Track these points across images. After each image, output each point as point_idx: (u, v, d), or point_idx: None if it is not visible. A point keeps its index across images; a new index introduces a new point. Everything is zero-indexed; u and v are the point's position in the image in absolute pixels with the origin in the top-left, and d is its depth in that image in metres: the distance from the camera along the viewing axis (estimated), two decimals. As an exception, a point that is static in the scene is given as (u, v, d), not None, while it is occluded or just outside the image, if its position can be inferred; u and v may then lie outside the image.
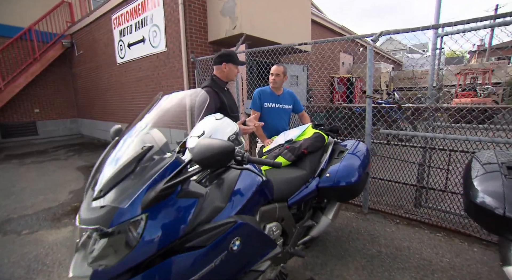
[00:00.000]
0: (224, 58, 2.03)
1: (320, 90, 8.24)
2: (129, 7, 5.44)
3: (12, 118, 8.10)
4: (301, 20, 5.35)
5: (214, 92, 1.98)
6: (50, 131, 8.86)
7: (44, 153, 6.87)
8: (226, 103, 2.02)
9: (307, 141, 1.98)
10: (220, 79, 2.09)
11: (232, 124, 1.32)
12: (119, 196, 0.86)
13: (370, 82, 2.47)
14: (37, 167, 5.45)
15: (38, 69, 7.81)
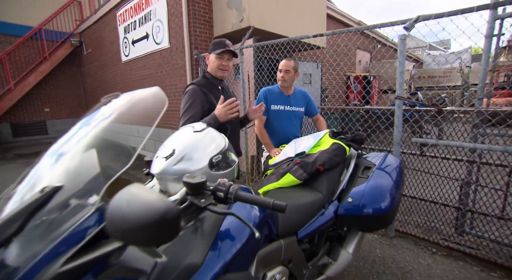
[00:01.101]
0: (209, 49, 1.68)
1: (338, 89, 7.70)
2: (133, 2, 5.15)
3: (23, 118, 8.10)
4: (316, 14, 4.87)
5: (200, 91, 1.60)
6: (59, 130, 8.81)
7: (51, 153, 6.75)
8: (216, 105, 1.63)
9: (324, 154, 1.55)
10: (211, 75, 1.71)
11: (218, 139, 0.92)
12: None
13: (401, 80, 2.00)
14: (40, 168, 5.28)
15: (47, 68, 7.74)
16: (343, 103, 8.24)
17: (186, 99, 1.60)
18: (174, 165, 0.82)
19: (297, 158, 1.60)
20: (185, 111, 1.58)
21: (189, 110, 1.57)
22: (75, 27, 8.31)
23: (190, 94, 1.60)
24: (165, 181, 0.85)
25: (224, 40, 1.66)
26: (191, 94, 1.60)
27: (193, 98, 1.59)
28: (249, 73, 3.49)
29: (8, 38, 7.58)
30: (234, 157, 1.03)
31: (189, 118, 1.55)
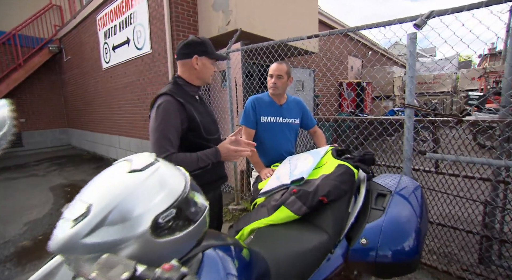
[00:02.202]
0: (194, 49, 1.26)
1: (330, 97, 7.48)
2: (113, 5, 4.80)
3: (-5, 129, 7.49)
4: (308, 18, 4.64)
5: (177, 103, 1.21)
6: (37, 142, 8.23)
7: (22, 167, 6.20)
8: (198, 120, 1.26)
9: (328, 181, 1.21)
10: (187, 82, 1.32)
11: (172, 181, 0.55)
12: None
13: (412, 86, 1.70)
14: (6, 186, 4.77)
15: (22, 76, 7.21)
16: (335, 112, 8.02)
17: (160, 116, 1.16)
18: (86, 235, 0.46)
19: (294, 186, 1.26)
20: (160, 134, 1.14)
21: (166, 132, 1.15)
22: (54, 32, 7.85)
23: (164, 109, 1.17)
24: (75, 259, 0.49)
25: (210, 41, 1.34)
26: (166, 109, 1.17)
27: (169, 114, 1.16)
28: (236, 79, 3.17)
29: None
30: (202, 199, 0.68)
31: (166, 145, 1.14)
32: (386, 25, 1.77)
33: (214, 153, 1.22)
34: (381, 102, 8.24)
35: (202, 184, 1.36)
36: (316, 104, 6.78)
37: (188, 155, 1.18)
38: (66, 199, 4.02)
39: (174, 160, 1.13)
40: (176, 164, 1.16)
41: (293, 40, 2.31)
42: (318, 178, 1.27)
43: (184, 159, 1.16)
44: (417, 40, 1.68)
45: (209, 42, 1.31)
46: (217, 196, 1.43)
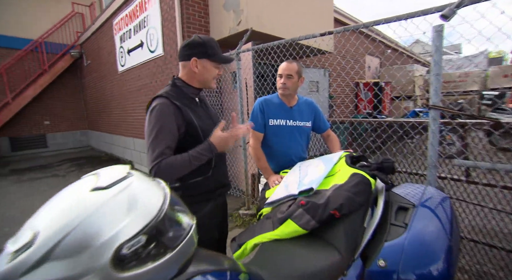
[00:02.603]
0: (194, 50, 1.17)
1: (344, 98, 7.21)
2: (128, 10, 4.89)
3: (22, 131, 7.91)
4: (322, 15, 4.47)
5: (173, 106, 1.11)
6: (59, 144, 8.60)
7: (46, 168, 6.47)
8: (197, 125, 1.17)
9: (340, 192, 1.07)
10: (187, 84, 1.22)
11: (146, 200, 0.46)
12: None
13: (438, 84, 1.52)
14: (29, 186, 4.97)
15: (47, 81, 7.58)
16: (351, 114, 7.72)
17: (153, 120, 1.08)
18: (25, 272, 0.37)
19: (302, 197, 1.13)
20: (153, 139, 1.06)
21: (161, 137, 1.06)
22: (76, 39, 8.18)
23: (159, 113, 1.08)
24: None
25: (216, 41, 1.24)
26: (161, 112, 1.08)
27: (164, 118, 1.08)
28: (247, 81, 3.07)
29: (11, 52, 7.48)
30: (187, 217, 0.58)
31: (161, 151, 1.05)
32: (407, 18, 1.59)
33: (207, 147, 1.11)
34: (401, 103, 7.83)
35: (202, 192, 1.27)
36: (330, 106, 6.57)
37: (178, 156, 1.08)
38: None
39: (164, 164, 1.04)
40: (166, 169, 1.05)
41: (305, 38, 2.18)
42: (329, 188, 1.14)
43: (174, 162, 1.06)
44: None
45: (211, 43, 1.19)
46: (219, 205, 1.33)
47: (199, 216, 1.25)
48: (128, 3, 4.86)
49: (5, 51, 7.46)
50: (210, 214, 1.26)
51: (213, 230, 1.29)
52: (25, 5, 7.63)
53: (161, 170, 1.04)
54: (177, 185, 1.20)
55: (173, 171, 1.07)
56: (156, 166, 1.04)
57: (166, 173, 1.05)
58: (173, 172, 1.07)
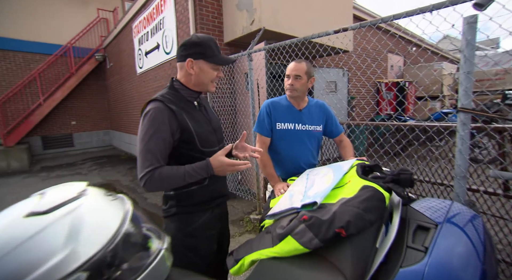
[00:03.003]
0: (190, 50, 1.09)
1: (364, 98, 6.90)
2: (146, 13, 4.99)
3: (51, 131, 8.41)
4: (341, 11, 4.27)
5: (167, 110, 1.04)
6: (84, 143, 9.03)
7: (71, 166, 6.82)
8: (192, 131, 1.09)
9: (348, 207, 0.95)
10: (185, 86, 1.15)
11: (94, 226, 0.39)
12: None
13: (469, 83, 1.33)
14: (55, 183, 5.19)
15: (73, 83, 7.99)
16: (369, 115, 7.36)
17: (146, 125, 1.01)
18: None
19: (305, 211, 1.02)
20: (145, 146, 1.00)
21: (153, 144, 0.99)
22: (100, 43, 8.55)
23: (152, 118, 1.01)
24: None
25: (215, 41, 1.16)
26: (154, 117, 1.01)
27: (157, 123, 1.01)
28: (259, 82, 2.98)
29: (43, 57, 7.99)
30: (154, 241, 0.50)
31: (153, 159, 0.99)
32: (432, 9, 1.42)
33: (204, 167, 1.03)
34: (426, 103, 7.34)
35: (197, 202, 1.18)
36: (352, 107, 6.30)
37: (174, 169, 1.01)
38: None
39: (157, 175, 0.98)
40: (158, 181, 0.96)
41: (318, 36, 2.04)
42: (336, 202, 1.01)
43: (169, 174, 1.00)
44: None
45: (209, 42, 1.10)
46: (217, 215, 1.24)
47: (194, 227, 1.18)
48: (146, 6, 4.96)
49: (39, 57, 7.97)
50: (207, 225, 1.18)
51: (211, 242, 1.21)
52: (56, 12, 8.11)
53: (153, 181, 0.98)
54: (172, 194, 1.14)
55: (164, 184, 1.01)
56: (148, 176, 0.98)
57: (158, 184, 0.99)
58: (164, 185, 1.01)
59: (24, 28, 7.61)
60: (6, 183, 5.36)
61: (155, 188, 1.00)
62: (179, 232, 1.14)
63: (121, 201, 0.51)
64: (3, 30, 7.35)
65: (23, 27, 7.59)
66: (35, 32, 7.80)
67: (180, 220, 1.15)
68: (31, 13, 7.72)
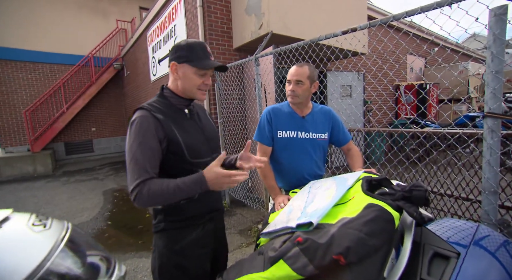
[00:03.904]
0: (175, 54, 1.03)
1: (382, 103, 6.60)
2: (159, 22, 5.11)
3: (73, 137, 8.81)
4: (353, 15, 4.12)
5: (152, 119, 0.98)
6: (103, 148, 9.37)
7: (90, 171, 7.06)
8: (180, 141, 1.01)
9: (348, 230, 0.82)
10: (174, 93, 1.09)
11: None
12: None
13: (497, 84, 1.15)
14: (74, 187, 5.45)
15: (94, 91, 8.36)
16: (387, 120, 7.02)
17: (132, 135, 0.96)
18: None
19: (300, 232, 0.90)
20: (132, 158, 0.93)
21: (140, 155, 0.93)
22: (119, 52, 8.91)
23: (137, 127, 0.96)
24: None
25: (205, 45, 1.09)
26: (139, 126, 0.96)
27: (143, 133, 0.95)
28: (266, 87, 2.90)
29: (67, 67, 8.46)
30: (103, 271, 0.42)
31: (141, 171, 0.92)
32: (451, 3, 1.26)
33: (197, 180, 0.92)
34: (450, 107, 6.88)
35: (186, 217, 1.09)
36: (368, 110, 6.04)
37: (165, 183, 0.92)
38: (112, 204, 4.31)
39: (147, 189, 0.90)
40: (147, 196, 0.87)
41: (326, 37, 1.93)
42: (336, 222, 0.89)
43: (160, 188, 0.91)
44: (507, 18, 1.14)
45: (196, 46, 1.03)
46: (210, 231, 1.14)
47: (183, 244, 1.09)
48: (159, 15, 5.08)
49: (64, 67, 8.45)
50: (198, 242, 1.09)
51: (202, 261, 1.12)
52: (79, 24, 8.58)
53: (142, 197, 0.90)
54: (159, 207, 1.07)
55: (154, 200, 0.92)
56: (137, 190, 0.90)
57: (147, 200, 0.91)
58: (154, 201, 0.92)
59: (50, 41, 8.12)
60: (31, 186, 5.64)
61: (145, 204, 0.92)
62: (166, 249, 1.06)
63: (55, 229, 0.43)
64: (35, 44, 7.90)
65: (49, 40, 8.10)
66: (60, 44, 8.31)
67: (168, 237, 1.07)
68: (56, 26, 8.22)
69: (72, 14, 8.47)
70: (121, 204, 4.30)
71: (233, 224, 3.25)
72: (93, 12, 8.88)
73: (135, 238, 3.07)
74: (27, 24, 7.81)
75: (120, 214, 3.90)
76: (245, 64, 3.45)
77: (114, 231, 3.30)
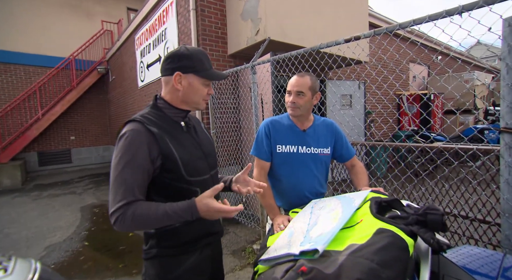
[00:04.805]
0: (178, 64, 1.01)
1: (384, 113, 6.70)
2: (148, 24, 5.15)
3: (49, 146, 8.61)
4: (354, 22, 4.23)
5: (147, 133, 0.95)
6: (83, 159, 9.18)
7: (66, 184, 6.88)
8: (177, 158, 0.98)
9: (358, 259, 0.80)
10: (170, 104, 1.07)
11: None
12: None
13: None
14: (46, 203, 5.27)
15: (74, 97, 8.25)
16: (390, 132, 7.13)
17: (121, 151, 0.92)
18: None
19: (304, 260, 0.87)
20: (118, 176, 0.90)
21: (127, 173, 0.90)
22: (103, 55, 8.90)
23: (128, 142, 0.92)
24: None
25: (206, 54, 1.10)
26: (130, 141, 0.92)
27: (134, 149, 0.91)
28: (263, 96, 2.91)
29: (45, 70, 8.35)
30: None
31: (127, 192, 0.88)
32: (462, 12, 1.29)
33: (187, 209, 0.89)
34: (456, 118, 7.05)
35: (182, 242, 1.04)
36: (371, 121, 6.12)
37: (152, 208, 0.89)
38: (91, 221, 4.18)
39: (132, 212, 0.86)
40: (131, 220, 0.83)
41: (327, 46, 1.97)
42: (344, 249, 0.86)
43: (147, 213, 0.87)
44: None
45: (200, 55, 1.04)
46: (207, 257, 1.11)
47: (178, 273, 1.04)
48: (148, 17, 5.13)
49: (41, 70, 8.35)
50: (194, 269, 1.05)
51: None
52: (60, 25, 8.56)
53: (125, 221, 0.86)
54: (152, 232, 1.03)
55: (138, 225, 0.89)
56: (119, 213, 0.86)
57: (130, 225, 0.87)
58: (138, 225, 0.89)
59: (27, 41, 8.04)
60: (-7, 203, 5.41)
61: (126, 228, 0.88)
62: (159, 278, 1.01)
63: (19, 274, 0.40)
64: (7, 43, 7.78)
65: (25, 40, 8.02)
66: (37, 44, 8.20)
67: (162, 264, 1.02)
68: (34, 25, 8.17)
69: (52, 12, 8.43)
70: (101, 222, 4.16)
71: (226, 244, 3.18)
72: (76, 12, 8.89)
73: (115, 260, 2.96)
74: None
75: (99, 233, 3.77)
76: (240, 71, 3.47)
77: (92, 253, 3.18)
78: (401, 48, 2.22)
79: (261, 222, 3.02)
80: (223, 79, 1.14)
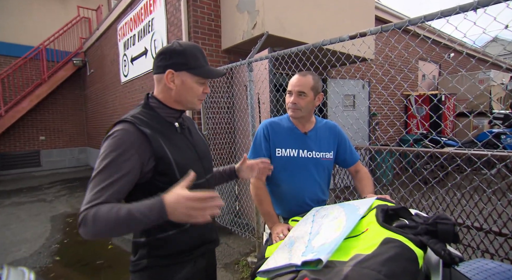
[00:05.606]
0: (170, 60, 1.05)
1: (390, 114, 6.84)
2: (133, 13, 5.18)
3: (14, 147, 8.44)
4: (359, 15, 4.34)
5: (138, 134, 0.98)
6: (55, 162, 9.06)
7: (34, 190, 6.78)
8: (170, 159, 1.02)
9: (364, 270, 0.85)
10: (163, 104, 1.11)
11: None
12: None
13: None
14: (9, 212, 5.17)
15: (44, 92, 8.14)
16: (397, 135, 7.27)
17: (107, 150, 0.93)
18: None
19: (307, 271, 0.92)
20: (97, 175, 0.90)
21: (107, 174, 0.90)
22: (80, 45, 8.84)
23: (115, 142, 0.94)
24: None
25: (202, 49, 1.14)
26: (118, 141, 0.94)
27: (121, 149, 0.93)
28: (260, 96, 2.96)
29: (8, 60, 8.15)
30: None
31: (100, 193, 0.87)
32: (477, 7, 1.35)
33: (152, 206, 0.85)
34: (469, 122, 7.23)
35: (175, 251, 1.09)
36: (376, 123, 6.24)
37: (115, 208, 0.85)
38: (64, 233, 4.14)
39: (93, 213, 0.83)
40: (93, 221, 0.83)
41: (330, 42, 2.04)
42: (349, 259, 0.91)
43: (107, 214, 0.84)
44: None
45: (195, 51, 1.08)
46: (201, 269, 1.16)
47: None
48: (133, 5, 5.16)
49: (4, 59, 8.11)
50: None
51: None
52: (30, 10, 8.46)
53: (87, 223, 0.83)
54: (142, 240, 1.05)
55: (100, 229, 0.84)
56: (83, 214, 0.84)
57: (92, 229, 0.84)
58: (100, 230, 0.84)
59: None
60: None
61: (91, 233, 0.84)
62: None
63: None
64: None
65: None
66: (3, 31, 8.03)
67: (152, 276, 1.05)
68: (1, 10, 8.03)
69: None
70: (76, 233, 4.13)
71: (217, 256, 3.20)
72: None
73: (92, 277, 2.95)
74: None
75: (73, 246, 3.74)
76: (235, 68, 3.53)
77: (63, 269, 3.14)
78: (410, 45, 2.31)
79: (256, 232, 3.05)
80: (220, 77, 1.19)
